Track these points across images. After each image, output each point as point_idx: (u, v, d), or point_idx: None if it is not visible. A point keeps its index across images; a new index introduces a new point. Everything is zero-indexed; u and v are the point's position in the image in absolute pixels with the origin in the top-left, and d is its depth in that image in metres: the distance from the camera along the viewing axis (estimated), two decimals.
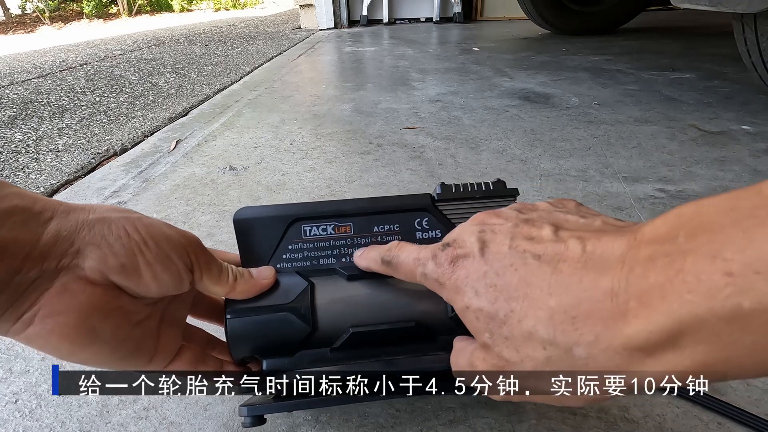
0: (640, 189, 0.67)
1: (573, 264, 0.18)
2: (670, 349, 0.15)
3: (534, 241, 0.20)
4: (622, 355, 0.16)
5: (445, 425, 0.32)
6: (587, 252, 0.18)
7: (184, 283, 0.25)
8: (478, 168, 0.77)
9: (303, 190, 0.72)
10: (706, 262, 0.14)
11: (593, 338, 0.17)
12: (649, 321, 0.15)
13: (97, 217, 0.22)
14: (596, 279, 0.17)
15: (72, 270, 0.21)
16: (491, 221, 0.23)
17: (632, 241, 0.17)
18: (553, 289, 0.18)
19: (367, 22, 3.65)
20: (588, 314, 0.17)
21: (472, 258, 0.21)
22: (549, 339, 0.18)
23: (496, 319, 0.20)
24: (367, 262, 0.27)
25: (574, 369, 0.18)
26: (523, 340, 0.19)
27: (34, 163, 0.98)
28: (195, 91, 1.62)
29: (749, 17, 0.93)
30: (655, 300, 0.15)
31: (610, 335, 0.16)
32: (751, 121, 0.92)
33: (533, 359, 0.19)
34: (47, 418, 0.35)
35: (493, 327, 0.20)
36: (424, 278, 0.23)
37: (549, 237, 0.20)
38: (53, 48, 3.44)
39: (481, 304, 0.20)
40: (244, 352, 0.28)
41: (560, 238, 0.20)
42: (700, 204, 0.16)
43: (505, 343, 0.20)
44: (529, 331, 0.19)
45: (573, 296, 0.18)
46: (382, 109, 1.15)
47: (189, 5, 9.16)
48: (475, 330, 0.21)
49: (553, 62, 1.69)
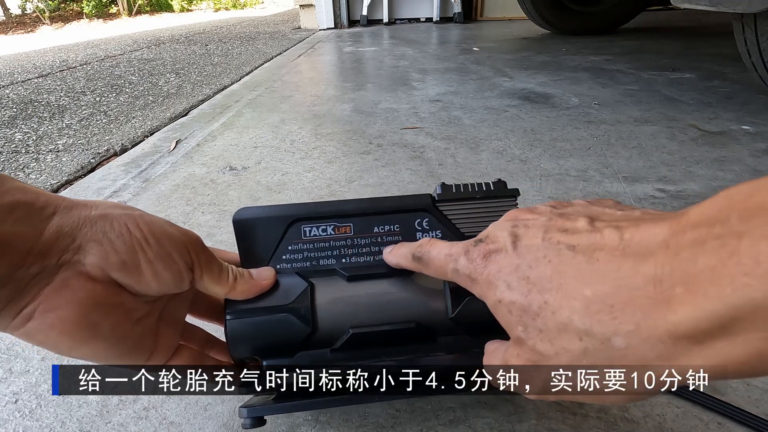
0: (640, 189, 0.67)
1: (610, 252, 0.17)
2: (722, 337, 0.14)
3: (568, 232, 0.19)
4: (667, 345, 0.15)
5: (445, 425, 0.32)
6: (625, 239, 0.17)
7: (185, 281, 0.25)
8: (478, 168, 0.77)
9: (303, 190, 0.72)
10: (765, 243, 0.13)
11: (633, 327, 0.16)
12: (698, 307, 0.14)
13: (99, 214, 0.22)
14: (636, 265, 0.16)
15: (73, 266, 0.21)
16: (524, 216, 0.22)
17: (675, 225, 0.16)
18: (588, 278, 0.17)
19: (367, 22, 3.65)
20: (627, 302, 0.16)
21: (504, 252, 0.21)
22: (585, 329, 0.17)
23: (529, 311, 0.19)
24: (397, 259, 0.27)
25: (613, 361, 0.17)
26: (558, 332, 0.18)
27: (34, 163, 0.98)
28: (195, 91, 1.62)
29: (749, 17, 0.93)
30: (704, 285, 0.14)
31: (652, 323, 0.16)
32: (751, 121, 0.92)
33: (569, 351, 0.18)
34: (47, 418, 0.35)
35: (526, 320, 0.19)
36: (455, 274, 0.23)
37: (584, 228, 0.19)
38: (53, 48, 3.44)
39: (513, 297, 0.20)
40: (243, 352, 0.28)
41: (596, 228, 0.19)
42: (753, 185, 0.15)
43: (539, 336, 0.19)
44: (564, 323, 0.18)
45: (610, 284, 0.17)
46: (382, 109, 1.15)
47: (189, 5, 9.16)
48: (508, 324, 0.20)
49: (553, 62, 1.69)
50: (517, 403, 0.34)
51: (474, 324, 0.28)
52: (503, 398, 0.34)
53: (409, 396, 0.30)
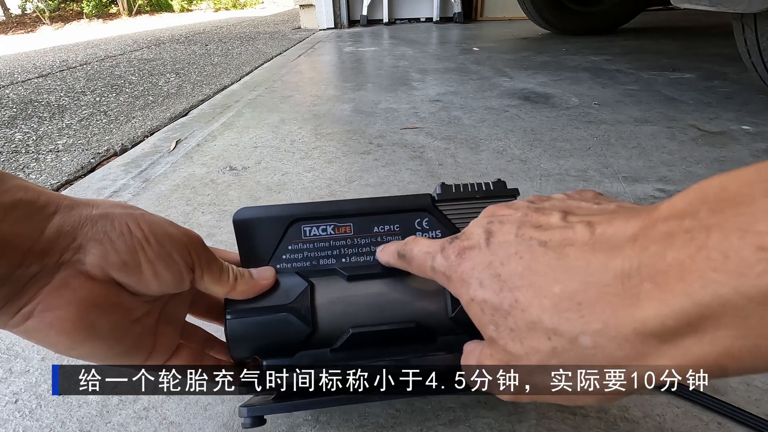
0: (640, 189, 0.67)
1: (580, 248, 0.17)
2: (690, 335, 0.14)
3: (542, 228, 0.19)
4: (634, 344, 0.15)
5: (445, 425, 0.32)
6: (596, 235, 0.17)
7: (185, 281, 0.25)
8: (478, 168, 0.77)
9: (303, 190, 0.72)
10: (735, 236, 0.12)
11: (600, 326, 0.15)
12: (665, 304, 0.14)
13: (100, 213, 0.22)
14: (605, 261, 0.16)
15: (73, 265, 0.21)
16: (501, 212, 0.22)
17: (646, 219, 0.15)
18: (558, 275, 0.17)
19: (367, 22, 3.65)
20: (595, 299, 0.16)
21: (477, 249, 0.20)
22: (553, 328, 0.17)
23: (501, 310, 0.18)
24: (387, 257, 0.27)
25: (582, 361, 0.16)
26: (528, 331, 0.18)
27: (34, 163, 0.98)
28: (195, 91, 1.62)
29: (749, 17, 0.93)
30: (672, 280, 0.13)
31: (619, 321, 0.15)
32: (751, 121, 0.92)
33: (538, 351, 0.17)
34: (47, 418, 0.35)
35: (498, 319, 0.19)
36: (433, 272, 0.23)
37: (557, 223, 0.19)
38: (53, 48, 3.44)
39: (485, 295, 0.19)
40: (243, 352, 0.28)
41: (569, 223, 0.18)
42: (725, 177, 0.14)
43: (510, 335, 0.18)
44: (534, 321, 0.17)
45: (579, 281, 0.16)
46: (382, 109, 1.15)
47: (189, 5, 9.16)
48: (481, 323, 0.20)
49: (553, 62, 1.69)
50: (517, 403, 0.34)
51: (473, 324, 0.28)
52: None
53: (409, 396, 0.30)
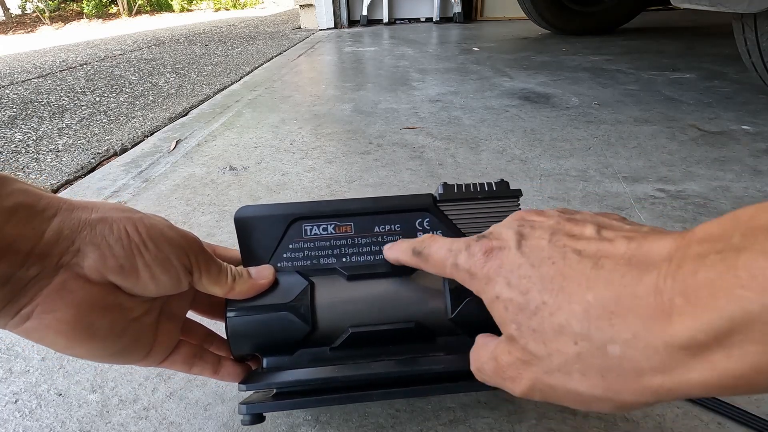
0: (640, 189, 0.67)
1: (616, 260, 0.17)
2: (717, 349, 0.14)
3: (575, 237, 0.19)
4: (663, 355, 0.15)
5: (445, 425, 0.32)
6: (632, 249, 0.17)
7: (183, 283, 0.25)
8: (478, 168, 0.77)
9: (303, 190, 0.72)
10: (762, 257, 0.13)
11: (631, 336, 0.16)
12: (696, 319, 0.14)
13: (99, 217, 0.23)
14: (639, 275, 0.16)
15: (71, 268, 0.22)
16: (532, 218, 0.22)
17: (681, 240, 0.16)
18: (591, 283, 0.17)
19: (367, 22, 3.65)
20: (627, 311, 0.16)
21: (507, 250, 0.21)
22: (582, 333, 0.17)
23: (526, 310, 0.19)
24: (397, 254, 0.27)
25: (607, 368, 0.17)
26: (554, 334, 0.18)
27: (34, 163, 0.98)
28: (195, 91, 1.62)
29: (749, 17, 0.93)
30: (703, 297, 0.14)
31: (650, 333, 0.15)
32: (751, 121, 0.92)
33: (562, 354, 0.18)
34: (47, 418, 0.35)
35: (521, 318, 0.19)
36: (454, 269, 0.23)
37: (592, 235, 0.19)
38: (53, 48, 3.43)
39: (511, 294, 0.19)
40: (244, 349, 0.29)
41: (604, 237, 0.19)
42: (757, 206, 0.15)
43: (532, 335, 0.19)
44: (561, 324, 0.18)
45: (613, 291, 0.17)
46: (382, 109, 1.15)
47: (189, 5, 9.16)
48: (502, 321, 0.20)
49: (553, 62, 1.69)
50: (517, 403, 0.34)
51: (474, 324, 0.28)
52: (503, 398, 0.34)
53: (409, 396, 0.30)
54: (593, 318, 0.17)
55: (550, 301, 0.18)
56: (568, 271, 0.18)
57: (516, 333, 0.19)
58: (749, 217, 0.15)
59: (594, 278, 0.17)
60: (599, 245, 0.18)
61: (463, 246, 0.22)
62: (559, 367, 0.18)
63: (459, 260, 0.22)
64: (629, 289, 0.16)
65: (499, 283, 0.20)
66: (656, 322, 0.15)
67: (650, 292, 0.16)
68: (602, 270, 0.17)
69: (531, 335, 0.19)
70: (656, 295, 0.15)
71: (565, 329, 0.18)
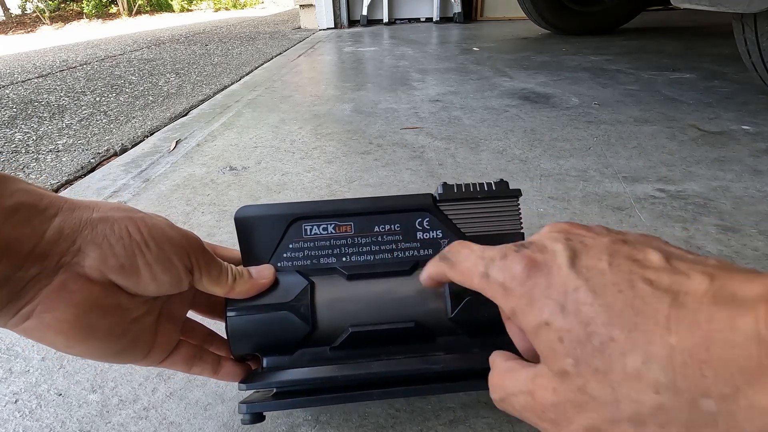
0: (640, 189, 0.67)
1: (698, 298, 0.15)
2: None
3: (640, 264, 0.17)
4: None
5: (445, 425, 0.32)
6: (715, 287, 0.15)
7: (183, 283, 0.25)
8: (478, 168, 0.77)
9: (303, 190, 0.72)
10: None
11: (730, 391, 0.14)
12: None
13: (100, 216, 0.23)
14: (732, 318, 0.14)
15: (72, 267, 0.22)
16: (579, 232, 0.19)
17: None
18: (673, 324, 0.15)
19: (367, 22, 3.65)
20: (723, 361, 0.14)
21: (557, 268, 0.18)
22: (666, 383, 0.15)
23: (588, 345, 0.16)
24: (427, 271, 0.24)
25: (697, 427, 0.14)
26: (626, 379, 0.15)
27: (34, 163, 0.98)
28: (195, 91, 1.62)
29: (749, 17, 0.93)
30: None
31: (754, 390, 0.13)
32: (751, 121, 0.92)
33: (636, 403, 0.15)
34: (47, 418, 0.35)
35: (581, 354, 0.16)
36: (485, 280, 0.20)
37: (661, 264, 0.17)
38: (53, 48, 3.44)
39: (568, 324, 0.17)
40: (244, 349, 0.29)
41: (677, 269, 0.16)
42: None
43: (595, 377, 0.16)
44: (637, 369, 0.15)
45: (701, 336, 0.14)
46: (382, 109, 1.15)
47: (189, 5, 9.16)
48: (552, 353, 0.17)
49: (553, 62, 1.69)
50: None
51: (473, 324, 0.28)
52: None
53: (409, 395, 0.30)
54: (678, 365, 0.15)
55: (621, 339, 0.16)
56: (641, 304, 0.16)
57: (572, 370, 0.17)
58: None
59: (675, 318, 0.15)
60: (673, 278, 0.16)
61: (498, 255, 0.20)
62: (630, 418, 0.16)
63: (491, 271, 0.19)
64: (722, 335, 0.14)
65: (548, 308, 0.17)
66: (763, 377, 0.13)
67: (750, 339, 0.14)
68: (684, 309, 0.15)
69: (593, 375, 0.16)
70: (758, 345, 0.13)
71: (643, 375, 0.15)
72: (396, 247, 0.29)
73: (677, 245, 0.19)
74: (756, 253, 0.50)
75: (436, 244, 0.29)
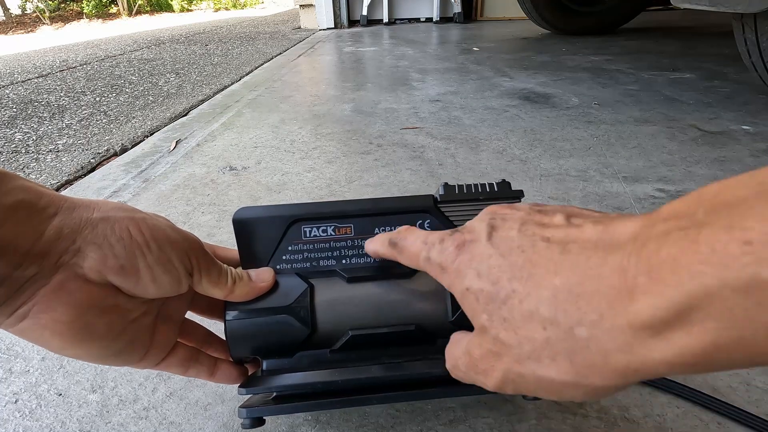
0: (640, 189, 0.67)
1: (583, 244, 0.17)
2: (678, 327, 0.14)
3: (545, 225, 0.19)
4: (627, 335, 0.15)
5: (445, 425, 0.32)
6: (599, 232, 0.17)
7: (183, 285, 0.25)
8: (479, 168, 0.77)
9: (303, 190, 0.72)
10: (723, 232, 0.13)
11: (597, 317, 0.16)
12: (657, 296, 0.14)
13: (101, 216, 0.22)
14: (605, 256, 0.16)
15: (71, 268, 0.21)
16: (503, 211, 0.22)
17: (647, 220, 0.16)
18: (559, 268, 0.17)
19: (367, 22, 3.65)
20: (593, 292, 0.16)
21: (478, 242, 0.20)
22: (550, 318, 0.17)
23: (496, 299, 0.19)
24: (375, 246, 0.27)
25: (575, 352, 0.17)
26: (523, 321, 0.18)
27: (34, 163, 0.98)
28: (195, 91, 1.62)
29: (749, 17, 0.93)
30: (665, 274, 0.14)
31: (614, 313, 0.15)
32: (751, 121, 0.92)
33: (532, 340, 0.18)
34: (47, 418, 0.35)
35: (492, 308, 0.19)
36: (427, 263, 0.22)
37: (561, 222, 0.19)
38: (53, 48, 3.43)
39: (482, 285, 0.19)
40: (243, 352, 0.28)
41: (572, 223, 0.19)
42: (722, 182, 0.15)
43: (503, 324, 0.18)
44: (531, 311, 0.17)
45: (579, 274, 0.16)
46: (382, 109, 1.15)
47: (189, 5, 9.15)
48: (474, 313, 0.20)
49: (553, 62, 1.69)
50: (517, 403, 0.34)
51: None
52: (503, 398, 0.34)
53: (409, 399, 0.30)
54: (560, 302, 0.17)
55: (520, 289, 0.18)
56: (537, 258, 0.18)
57: (487, 323, 0.19)
58: (713, 194, 0.15)
59: (561, 263, 0.17)
60: (567, 231, 0.18)
61: (437, 239, 0.22)
62: (529, 355, 0.18)
63: (432, 254, 0.22)
64: (595, 271, 0.16)
65: (469, 275, 0.20)
66: (620, 302, 0.15)
67: (615, 272, 0.15)
68: (569, 254, 0.17)
69: (502, 324, 0.19)
70: (620, 275, 0.15)
71: (534, 315, 0.17)
72: None
73: None
74: None
75: None
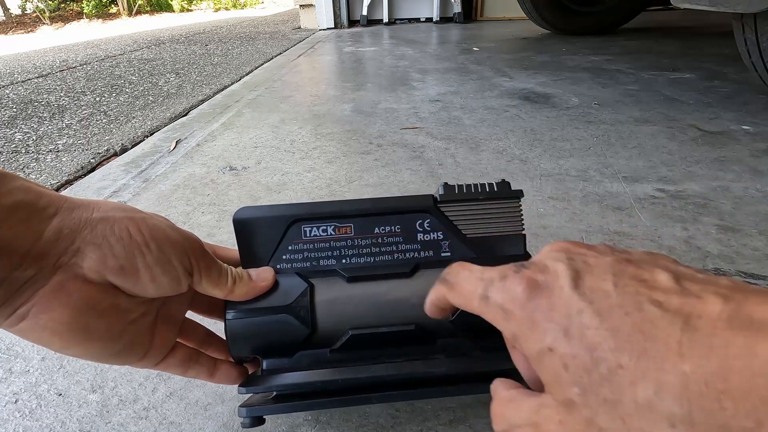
0: (640, 189, 0.67)
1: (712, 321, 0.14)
2: None
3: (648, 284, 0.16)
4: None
5: (445, 425, 0.32)
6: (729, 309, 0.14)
7: (182, 285, 0.25)
8: (478, 168, 0.77)
9: (303, 190, 0.72)
10: None
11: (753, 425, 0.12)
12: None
13: (100, 216, 0.22)
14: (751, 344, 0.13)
15: (70, 268, 0.21)
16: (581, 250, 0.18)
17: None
18: (686, 349, 0.14)
19: (367, 22, 3.65)
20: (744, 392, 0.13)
21: (559, 289, 0.17)
22: (682, 415, 0.13)
23: (594, 373, 0.15)
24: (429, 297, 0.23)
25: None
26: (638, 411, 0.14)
27: (34, 163, 0.98)
28: (195, 91, 1.62)
29: (749, 17, 0.93)
30: None
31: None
32: (751, 121, 0.92)
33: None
34: (47, 418, 0.35)
35: (587, 382, 0.15)
36: (484, 302, 0.19)
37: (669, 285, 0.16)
38: (53, 48, 3.43)
39: (573, 349, 0.15)
40: (243, 352, 0.29)
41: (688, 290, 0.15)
42: None
43: (603, 407, 0.15)
44: (649, 399, 0.14)
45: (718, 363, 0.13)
46: (382, 109, 1.15)
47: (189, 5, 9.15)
48: (557, 381, 0.16)
49: (553, 62, 1.69)
50: None
51: (474, 328, 0.27)
52: None
53: (409, 399, 0.30)
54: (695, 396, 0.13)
55: (630, 366, 0.14)
56: (650, 328, 0.15)
57: (579, 399, 0.15)
58: None
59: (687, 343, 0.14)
60: (684, 300, 0.15)
61: (497, 276, 0.19)
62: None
63: (491, 293, 0.18)
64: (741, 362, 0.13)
65: (551, 332, 0.16)
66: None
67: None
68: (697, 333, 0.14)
69: (601, 406, 0.15)
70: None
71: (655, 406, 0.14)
72: (396, 248, 0.29)
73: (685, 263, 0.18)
74: (756, 253, 0.50)
75: (436, 246, 0.29)
